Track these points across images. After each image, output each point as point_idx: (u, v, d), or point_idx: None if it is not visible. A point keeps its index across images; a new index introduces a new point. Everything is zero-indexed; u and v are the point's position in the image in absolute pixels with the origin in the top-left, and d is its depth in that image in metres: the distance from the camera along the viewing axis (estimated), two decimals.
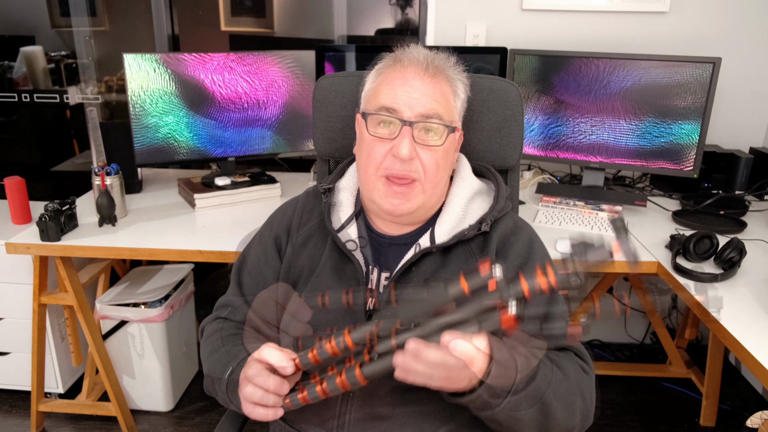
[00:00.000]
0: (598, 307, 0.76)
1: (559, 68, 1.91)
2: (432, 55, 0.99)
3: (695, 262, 1.55)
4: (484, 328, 0.73)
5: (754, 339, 1.21)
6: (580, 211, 1.87)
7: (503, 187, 1.05)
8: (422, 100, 0.94)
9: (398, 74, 0.96)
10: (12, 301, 1.95)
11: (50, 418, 2.07)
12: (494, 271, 0.72)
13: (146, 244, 1.63)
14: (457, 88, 1.01)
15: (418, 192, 0.97)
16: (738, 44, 2.14)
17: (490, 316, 0.72)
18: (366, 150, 0.98)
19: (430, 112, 0.94)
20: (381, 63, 1.02)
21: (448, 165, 1.00)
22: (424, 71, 0.96)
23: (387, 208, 0.97)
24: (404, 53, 0.99)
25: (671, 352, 2.23)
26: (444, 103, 0.97)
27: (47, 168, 2.58)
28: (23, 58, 2.52)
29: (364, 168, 0.99)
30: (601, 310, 1.77)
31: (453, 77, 1.00)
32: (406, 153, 0.93)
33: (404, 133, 0.93)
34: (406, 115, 0.94)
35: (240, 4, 2.50)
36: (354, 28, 2.50)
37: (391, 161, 0.95)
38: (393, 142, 0.95)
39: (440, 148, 0.96)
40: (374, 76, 1.02)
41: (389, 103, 0.95)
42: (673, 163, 1.88)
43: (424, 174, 0.95)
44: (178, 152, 1.95)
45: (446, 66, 0.99)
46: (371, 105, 0.99)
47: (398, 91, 0.95)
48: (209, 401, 2.17)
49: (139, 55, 1.82)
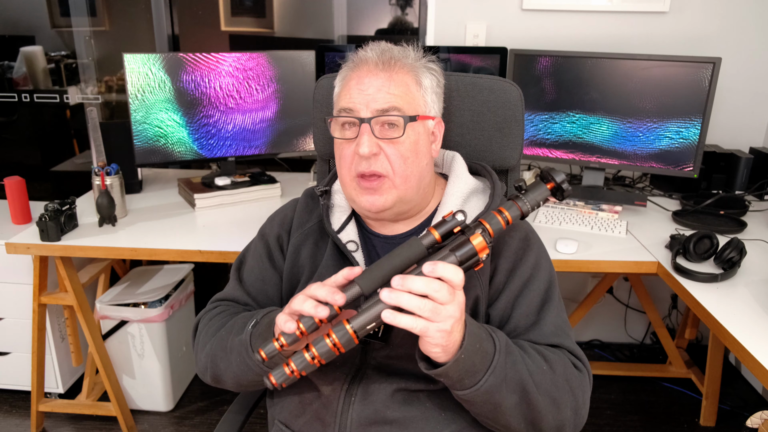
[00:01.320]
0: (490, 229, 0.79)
1: (560, 68, 1.91)
2: (386, 48, 0.99)
3: (695, 262, 1.55)
4: (460, 256, 0.79)
5: (754, 339, 1.21)
6: (580, 211, 1.87)
7: (498, 185, 1.05)
8: (377, 96, 0.95)
9: (353, 74, 0.98)
10: (12, 301, 1.95)
11: (50, 418, 2.07)
12: (457, 216, 0.81)
13: (146, 244, 1.63)
14: (419, 76, 0.99)
15: (388, 187, 0.97)
16: (738, 44, 2.15)
17: (463, 246, 0.79)
18: (337, 153, 1.00)
19: (386, 105, 0.94)
20: (342, 67, 1.03)
21: (419, 155, 0.98)
22: (375, 67, 0.96)
23: (364, 206, 0.98)
24: (358, 54, 1.00)
25: (671, 352, 2.23)
26: (402, 93, 0.96)
27: (47, 168, 2.58)
28: (23, 58, 2.51)
29: (340, 170, 1.01)
30: None
31: (413, 66, 0.99)
32: (365, 150, 0.93)
33: (363, 130, 0.94)
34: (363, 113, 0.95)
35: (240, 4, 2.50)
36: (354, 28, 2.50)
37: (357, 161, 0.96)
38: (356, 140, 0.96)
39: (404, 140, 0.96)
40: (338, 81, 1.03)
41: (346, 104, 0.96)
42: (673, 163, 1.88)
43: (392, 169, 0.96)
44: (178, 152, 1.95)
45: (403, 56, 0.98)
46: (334, 109, 1.01)
47: (353, 92, 0.96)
48: (209, 401, 2.17)
49: (139, 55, 1.82)
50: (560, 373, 0.89)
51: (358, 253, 1.02)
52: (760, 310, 1.32)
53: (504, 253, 0.98)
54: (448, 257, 0.79)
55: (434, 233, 0.81)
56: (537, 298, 0.96)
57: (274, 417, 1.06)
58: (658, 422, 2.11)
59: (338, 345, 0.76)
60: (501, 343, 0.83)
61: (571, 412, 0.90)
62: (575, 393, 0.90)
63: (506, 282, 0.97)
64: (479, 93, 1.15)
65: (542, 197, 0.86)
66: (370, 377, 0.96)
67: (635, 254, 1.61)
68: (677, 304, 2.44)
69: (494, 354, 0.81)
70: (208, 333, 1.03)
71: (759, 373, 1.14)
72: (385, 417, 0.94)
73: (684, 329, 2.27)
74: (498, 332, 0.85)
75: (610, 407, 2.18)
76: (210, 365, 1.00)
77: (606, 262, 1.60)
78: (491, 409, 0.84)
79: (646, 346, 2.54)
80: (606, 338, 2.56)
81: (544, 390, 0.86)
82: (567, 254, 1.60)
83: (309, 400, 0.98)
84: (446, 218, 0.82)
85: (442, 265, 0.76)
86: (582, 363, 0.94)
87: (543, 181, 0.87)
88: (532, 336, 0.94)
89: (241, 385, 0.99)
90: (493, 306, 0.97)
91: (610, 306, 2.49)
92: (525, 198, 0.85)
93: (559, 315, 0.97)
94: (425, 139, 1.00)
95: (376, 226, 1.06)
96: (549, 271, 1.00)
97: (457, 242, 0.80)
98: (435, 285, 0.74)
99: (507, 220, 0.83)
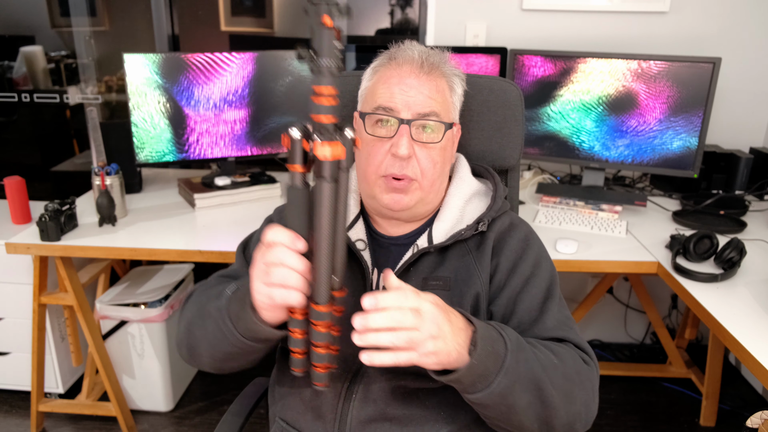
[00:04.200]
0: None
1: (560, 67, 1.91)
2: (427, 51, 0.98)
3: (695, 262, 1.55)
4: (331, 177, 0.72)
5: (754, 339, 1.21)
6: (580, 211, 1.87)
7: (501, 187, 1.05)
8: (419, 99, 0.94)
9: (394, 72, 0.96)
10: (12, 301, 1.95)
11: (50, 418, 2.07)
12: (293, 135, 0.73)
13: (146, 244, 1.63)
14: (453, 83, 1.01)
15: (415, 188, 0.97)
16: (738, 44, 2.14)
17: (324, 169, 0.72)
18: (365, 150, 0.98)
19: (427, 110, 0.94)
20: (376, 61, 1.02)
21: (445, 161, 1.00)
22: (419, 69, 0.95)
23: (387, 203, 0.98)
24: (399, 51, 0.99)
25: (671, 352, 2.23)
26: (441, 100, 0.97)
27: (47, 168, 2.57)
28: (23, 58, 2.51)
29: (364, 168, 0.99)
30: None
31: (449, 73, 1.00)
32: (405, 152, 0.93)
33: (402, 131, 0.94)
34: (404, 114, 0.94)
35: (240, 4, 2.50)
36: (354, 28, 2.50)
37: (390, 161, 0.95)
38: (391, 140, 0.95)
39: (437, 146, 0.96)
40: (370, 74, 1.02)
41: (386, 102, 0.95)
42: (673, 163, 1.88)
43: (422, 173, 0.96)
44: (178, 152, 1.95)
45: (441, 62, 0.99)
46: (368, 105, 0.99)
47: (394, 90, 0.95)
48: (209, 401, 2.17)
49: (139, 55, 1.82)
50: (570, 365, 0.87)
51: (365, 252, 1.03)
52: (760, 310, 1.32)
53: (504, 251, 0.99)
54: (326, 189, 0.72)
55: (295, 168, 0.74)
56: (539, 294, 0.96)
57: (276, 414, 1.06)
58: (658, 422, 2.11)
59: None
60: (512, 342, 0.81)
61: (583, 406, 0.88)
62: (585, 386, 0.89)
63: (507, 280, 0.97)
64: (479, 93, 1.15)
65: (329, 41, 0.70)
66: (370, 375, 0.96)
67: (635, 254, 1.61)
68: (677, 304, 2.44)
69: (506, 354, 0.79)
70: (195, 302, 0.99)
71: (759, 373, 1.14)
72: (386, 414, 0.94)
73: (684, 329, 2.27)
74: (507, 329, 0.84)
75: (610, 407, 2.18)
76: (186, 334, 0.96)
77: (606, 262, 1.60)
78: (505, 411, 0.82)
79: (646, 346, 2.54)
80: (606, 338, 2.56)
81: (558, 385, 0.84)
82: (567, 254, 1.60)
83: (310, 398, 0.98)
84: (288, 148, 0.74)
85: (382, 296, 0.73)
86: (589, 356, 0.93)
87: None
88: (536, 330, 0.93)
89: (215, 358, 0.93)
90: (495, 303, 0.97)
91: (610, 306, 2.49)
92: (320, 59, 0.70)
93: (561, 311, 0.97)
94: (451, 145, 1.01)
95: (382, 226, 1.06)
96: (550, 270, 1.00)
97: (319, 168, 0.72)
98: (395, 315, 0.72)
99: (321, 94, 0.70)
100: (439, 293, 0.96)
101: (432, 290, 0.96)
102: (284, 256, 0.73)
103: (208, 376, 2.31)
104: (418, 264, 0.99)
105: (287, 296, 0.74)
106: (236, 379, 2.27)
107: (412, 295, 0.75)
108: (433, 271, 0.99)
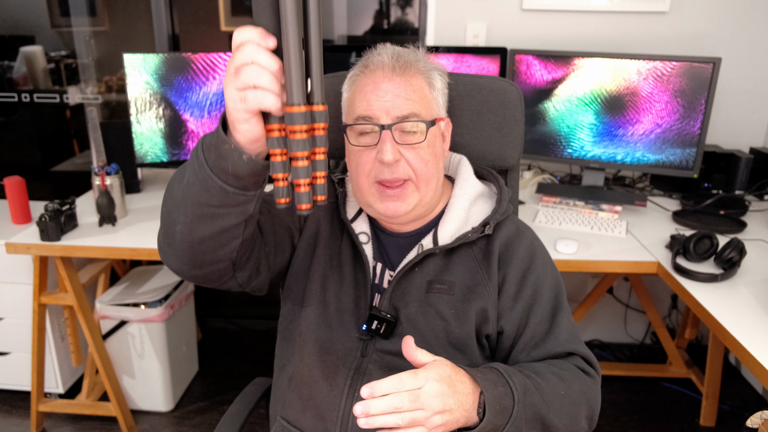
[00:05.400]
0: None
1: (558, 67, 1.91)
2: (398, 52, 0.98)
3: (695, 262, 1.55)
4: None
5: (754, 339, 1.21)
6: (580, 211, 1.87)
7: (505, 189, 1.05)
8: (396, 102, 0.94)
9: (368, 80, 0.96)
10: (12, 301, 1.95)
11: (50, 418, 2.07)
12: None
13: (146, 244, 1.63)
14: (431, 78, 0.99)
15: (411, 191, 0.97)
16: (738, 44, 2.14)
17: None
18: (354, 160, 0.98)
19: (406, 112, 0.94)
20: (351, 71, 1.01)
21: (437, 157, 0.99)
22: (392, 72, 0.95)
23: (385, 212, 0.98)
24: (371, 57, 0.98)
25: (671, 352, 2.23)
26: (419, 98, 0.96)
27: (47, 168, 2.57)
28: (23, 58, 2.51)
29: (356, 177, 0.99)
30: None
31: (424, 69, 0.98)
32: (389, 157, 0.92)
33: (384, 137, 0.93)
34: (383, 120, 0.94)
35: (240, 4, 2.49)
36: (354, 28, 2.50)
37: (379, 168, 0.95)
38: (377, 147, 0.95)
39: (423, 144, 0.96)
40: (347, 85, 1.01)
41: (364, 111, 0.95)
42: (673, 163, 1.88)
43: (414, 172, 0.96)
44: (179, 152, 1.94)
45: (415, 60, 0.98)
46: (349, 116, 0.99)
47: (371, 98, 0.94)
48: (209, 401, 2.17)
49: (139, 55, 1.82)
50: (576, 389, 0.91)
51: (368, 245, 1.03)
52: (760, 310, 1.32)
53: (512, 262, 0.99)
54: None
55: None
56: (549, 305, 0.98)
57: (276, 413, 1.06)
58: (658, 422, 2.11)
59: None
60: (519, 391, 0.84)
61: (586, 421, 0.93)
62: (590, 403, 0.94)
63: (517, 292, 0.98)
64: (479, 93, 1.15)
65: None
66: (371, 373, 0.96)
67: (635, 254, 1.61)
68: (677, 304, 2.44)
69: (513, 407, 0.82)
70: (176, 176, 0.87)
71: (759, 373, 1.14)
72: None
73: (684, 329, 2.27)
74: (514, 377, 0.85)
75: (610, 407, 2.18)
76: (163, 206, 0.86)
77: (606, 262, 1.60)
78: None
79: (646, 346, 2.54)
80: (606, 338, 2.56)
81: (564, 413, 0.88)
82: (567, 254, 1.60)
83: (311, 397, 0.99)
84: None
85: (378, 385, 0.75)
86: (593, 368, 0.97)
87: None
88: (549, 345, 0.96)
89: (187, 218, 0.80)
90: (506, 317, 0.97)
91: (610, 306, 2.49)
92: None
93: (570, 320, 0.99)
94: (440, 141, 1.01)
95: (386, 223, 1.06)
96: (556, 277, 1.02)
97: None
98: (394, 401, 0.74)
99: None
100: (444, 297, 0.97)
101: (436, 294, 0.97)
102: (254, 55, 0.67)
103: (208, 376, 2.31)
104: (423, 265, 1.00)
105: (261, 98, 0.66)
106: (236, 379, 2.28)
107: (409, 377, 0.76)
108: (438, 274, 0.99)
